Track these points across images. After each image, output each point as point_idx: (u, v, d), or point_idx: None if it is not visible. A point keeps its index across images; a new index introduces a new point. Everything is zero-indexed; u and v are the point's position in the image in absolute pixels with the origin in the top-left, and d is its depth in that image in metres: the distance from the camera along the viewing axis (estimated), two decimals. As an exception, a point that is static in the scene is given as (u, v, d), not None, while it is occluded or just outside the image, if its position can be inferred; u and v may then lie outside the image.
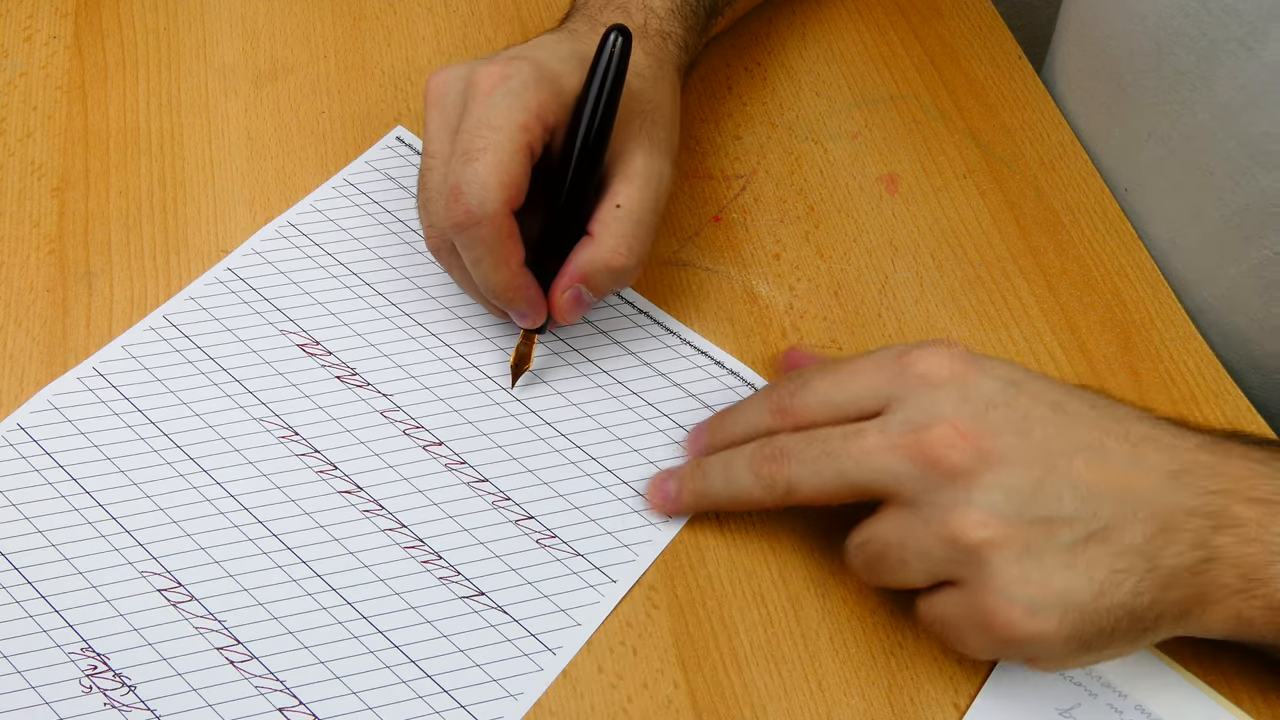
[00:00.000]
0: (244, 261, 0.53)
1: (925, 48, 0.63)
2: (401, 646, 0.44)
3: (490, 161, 0.43)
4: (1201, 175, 0.53)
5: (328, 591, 0.45)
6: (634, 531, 0.47)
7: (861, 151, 0.59)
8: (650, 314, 0.53)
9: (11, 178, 0.55)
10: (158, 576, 0.45)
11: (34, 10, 0.61)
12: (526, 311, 0.47)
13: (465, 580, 0.45)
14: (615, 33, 0.45)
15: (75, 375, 0.49)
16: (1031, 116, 0.61)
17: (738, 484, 0.44)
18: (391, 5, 0.63)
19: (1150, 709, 0.43)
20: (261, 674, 0.43)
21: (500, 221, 0.44)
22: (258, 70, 0.60)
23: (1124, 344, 0.53)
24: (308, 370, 0.50)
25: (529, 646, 0.44)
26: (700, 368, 0.51)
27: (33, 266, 0.52)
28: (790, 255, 0.55)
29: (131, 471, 0.47)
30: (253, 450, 0.48)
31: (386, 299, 0.52)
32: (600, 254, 0.46)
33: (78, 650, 0.43)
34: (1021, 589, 0.38)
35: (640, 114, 0.48)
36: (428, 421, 0.49)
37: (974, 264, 0.55)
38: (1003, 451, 0.40)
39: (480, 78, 0.45)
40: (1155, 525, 0.39)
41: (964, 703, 0.44)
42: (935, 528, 0.40)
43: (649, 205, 0.47)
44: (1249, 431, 0.50)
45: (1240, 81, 0.49)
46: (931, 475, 0.40)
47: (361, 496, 0.47)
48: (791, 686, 0.44)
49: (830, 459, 0.42)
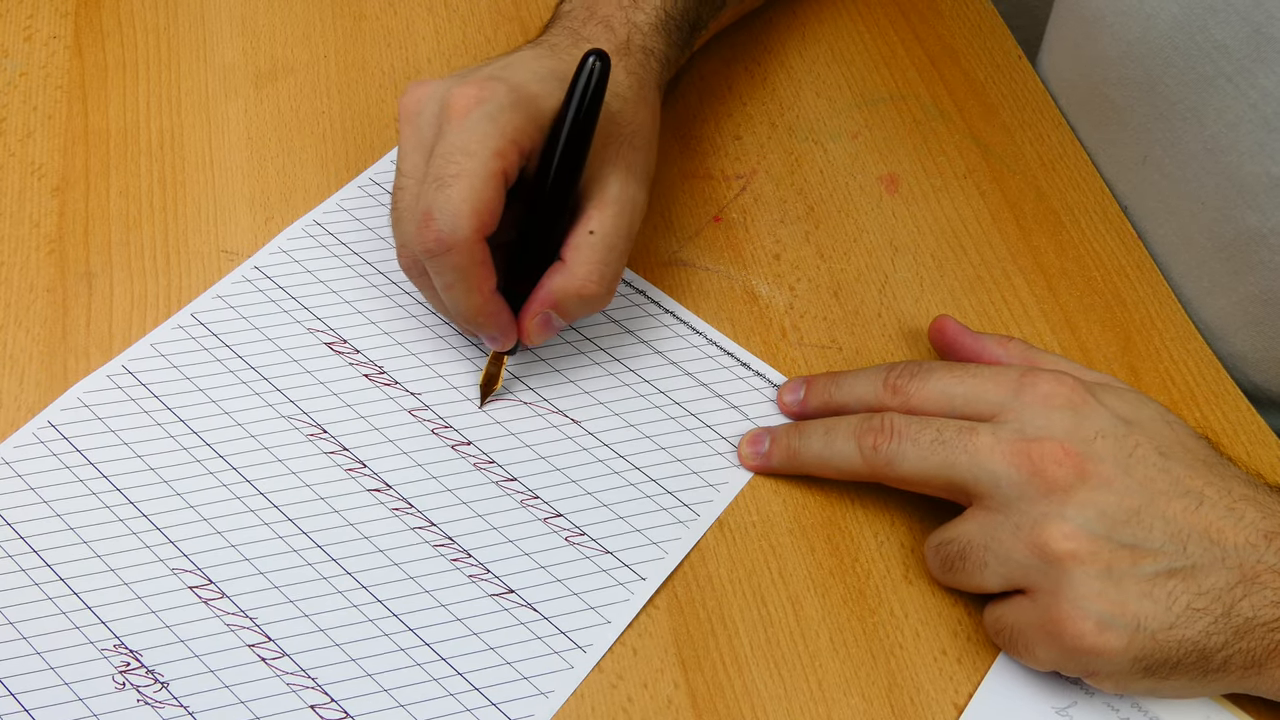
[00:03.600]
0: (271, 260, 0.53)
1: (925, 48, 0.63)
2: (432, 644, 0.44)
3: (463, 188, 0.43)
4: (1193, 204, 0.53)
5: (358, 589, 0.45)
6: (663, 529, 0.47)
7: (861, 151, 0.59)
8: (676, 313, 0.53)
9: (11, 178, 0.55)
10: (189, 574, 0.45)
11: (34, 10, 0.61)
12: (497, 336, 0.47)
13: (495, 578, 0.46)
14: (594, 58, 0.44)
15: (105, 373, 0.49)
16: (1031, 116, 0.61)
17: (837, 448, 0.45)
18: (391, 5, 0.63)
19: (1146, 707, 0.43)
20: (293, 671, 0.43)
21: (472, 249, 0.44)
22: (258, 70, 0.60)
23: (1124, 344, 0.53)
24: (336, 368, 0.50)
25: (559, 644, 0.44)
26: (727, 369, 0.51)
27: (33, 266, 0.52)
28: (790, 255, 0.55)
29: (162, 469, 0.47)
30: (282, 448, 0.48)
31: (413, 297, 0.52)
32: (572, 282, 0.46)
33: (110, 647, 0.43)
34: (1096, 604, 0.39)
35: (618, 138, 0.48)
36: (456, 421, 0.49)
37: (974, 264, 0.55)
38: (1104, 476, 0.41)
39: (455, 99, 0.44)
40: (1239, 575, 0.39)
41: (964, 703, 0.44)
42: (1025, 534, 0.41)
43: (622, 232, 0.47)
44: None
45: (1228, 118, 0.49)
46: (1032, 484, 0.41)
47: (391, 494, 0.47)
48: (791, 686, 0.44)
49: (943, 447, 0.43)
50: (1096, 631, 0.39)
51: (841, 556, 0.47)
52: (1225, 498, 0.41)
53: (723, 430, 0.50)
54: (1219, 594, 0.39)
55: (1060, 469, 0.41)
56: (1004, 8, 0.65)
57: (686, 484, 0.48)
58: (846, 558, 0.47)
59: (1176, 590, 0.39)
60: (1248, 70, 0.48)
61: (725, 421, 0.50)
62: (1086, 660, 0.40)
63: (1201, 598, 0.39)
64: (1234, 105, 0.49)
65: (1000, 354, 0.48)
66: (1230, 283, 0.52)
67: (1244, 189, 0.50)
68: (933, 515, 0.47)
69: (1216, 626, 0.39)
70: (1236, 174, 0.50)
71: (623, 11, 0.51)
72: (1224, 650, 0.39)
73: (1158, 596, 0.39)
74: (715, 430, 0.50)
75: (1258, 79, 0.47)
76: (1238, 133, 0.49)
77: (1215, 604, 0.39)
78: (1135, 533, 0.40)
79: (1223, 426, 0.51)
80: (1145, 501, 0.40)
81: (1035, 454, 0.41)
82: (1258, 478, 0.43)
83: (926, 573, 0.46)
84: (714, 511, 0.48)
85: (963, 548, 0.43)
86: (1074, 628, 0.39)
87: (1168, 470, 0.41)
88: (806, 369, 0.52)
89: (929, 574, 0.46)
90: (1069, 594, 0.40)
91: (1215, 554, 0.40)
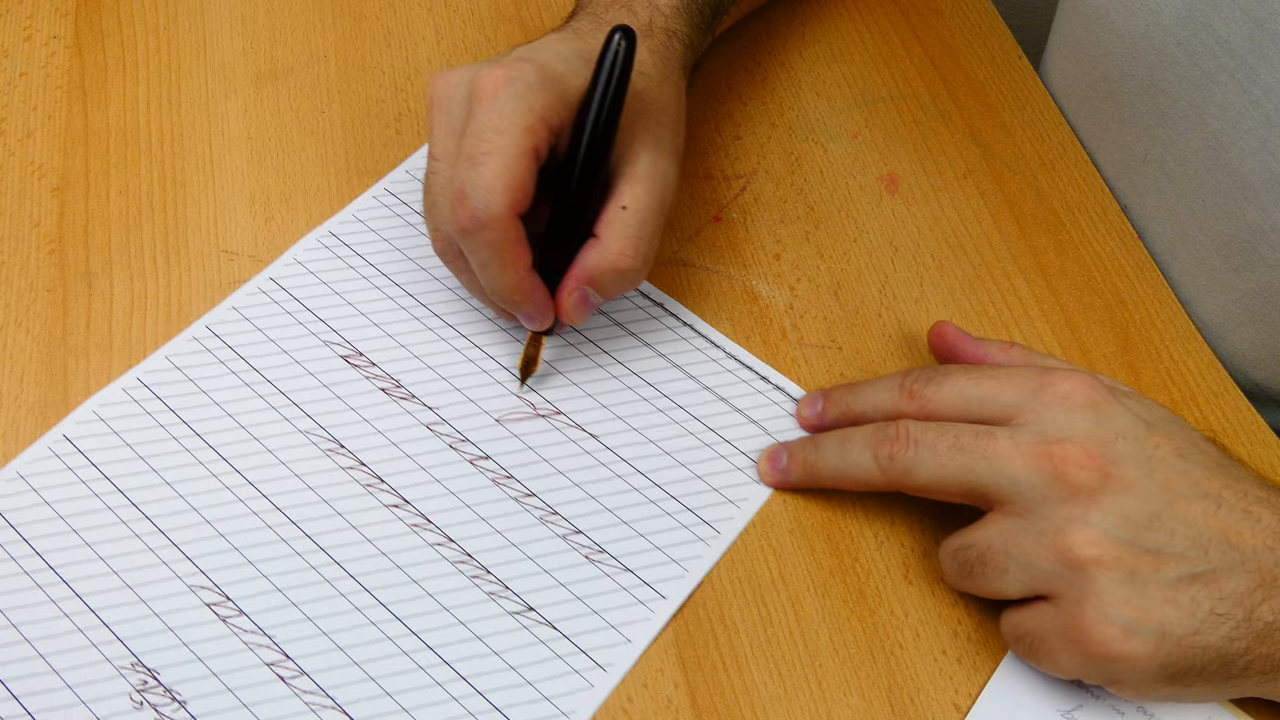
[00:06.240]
0: (286, 271, 0.53)
1: (925, 48, 0.63)
2: (451, 662, 0.43)
3: (496, 166, 0.43)
4: (1192, 202, 0.53)
5: (376, 606, 0.44)
6: (684, 547, 0.46)
7: (861, 151, 0.59)
8: (695, 326, 0.52)
9: (11, 178, 0.55)
10: (206, 590, 0.44)
11: (34, 10, 0.61)
12: (534, 314, 0.47)
13: (515, 595, 0.45)
14: (619, 33, 0.44)
15: (120, 386, 0.49)
16: (1031, 116, 0.61)
17: (853, 460, 0.45)
18: (391, 5, 0.63)
19: (1152, 709, 0.43)
20: (312, 690, 0.43)
21: (506, 226, 0.44)
22: (258, 70, 0.60)
23: (1124, 344, 0.53)
24: (352, 382, 0.50)
25: (580, 663, 0.44)
26: (745, 382, 0.51)
27: (33, 266, 0.52)
28: (790, 255, 0.55)
29: (178, 483, 0.47)
30: (299, 463, 0.47)
31: (429, 310, 0.52)
32: (607, 257, 0.46)
33: (128, 665, 0.43)
34: (1122, 611, 0.39)
35: (645, 114, 0.48)
36: (474, 435, 0.49)
37: (974, 264, 0.55)
38: (1127, 480, 0.40)
39: (484, 80, 0.45)
40: (1258, 579, 0.39)
41: (964, 703, 0.44)
42: (1047, 540, 0.40)
43: (655, 206, 0.47)
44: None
45: (1230, 115, 0.49)
46: (1054, 488, 0.40)
47: (409, 510, 0.47)
48: (791, 686, 0.44)
49: (960, 453, 0.42)
50: (1123, 639, 0.39)
51: (841, 556, 0.47)
52: (1242, 500, 0.40)
53: (743, 445, 0.49)
54: (1240, 598, 0.39)
55: (1083, 472, 0.40)
56: (1004, 8, 0.65)
57: (707, 500, 0.48)
58: (846, 558, 0.47)
59: (1199, 595, 0.39)
60: (1250, 66, 0.48)
61: (745, 436, 0.49)
62: (1112, 668, 0.39)
63: (1223, 602, 0.39)
64: (1236, 101, 0.49)
65: (1002, 360, 0.47)
66: (1230, 280, 0.52)
67: (1245, 186, 0.50)
68: (933, 515, 0.47)
69: (1238, 631, 0.39)
70: (1238, 171, 0.50)
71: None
72: (1245, 656, 0.39)
73: (1181, 602, 0.39)
74: (735, 445, 0.49)
75: (1260, 75, 0.47)
76: (1239, 129, 0.49)
77: (1237, 608, 0.39)
78: (1158, 537, 0.39)
79: (1223, 426, 0.51)
80: (1166, 505, 0.40)
81: (1057, 457, 0.40)
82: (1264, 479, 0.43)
83: (927, 573, 0.46)
84: (735, 529, 0.47)
85: (982, 553, 0.42)
86: (1100, 635, 0.39)
87: (1187, 472, 0.41)
88: (807, 369, 0.52)
89: (932, 576, 0.46)
90: (1094, 601, 0.39)
91: (1235, 557, 0.39)
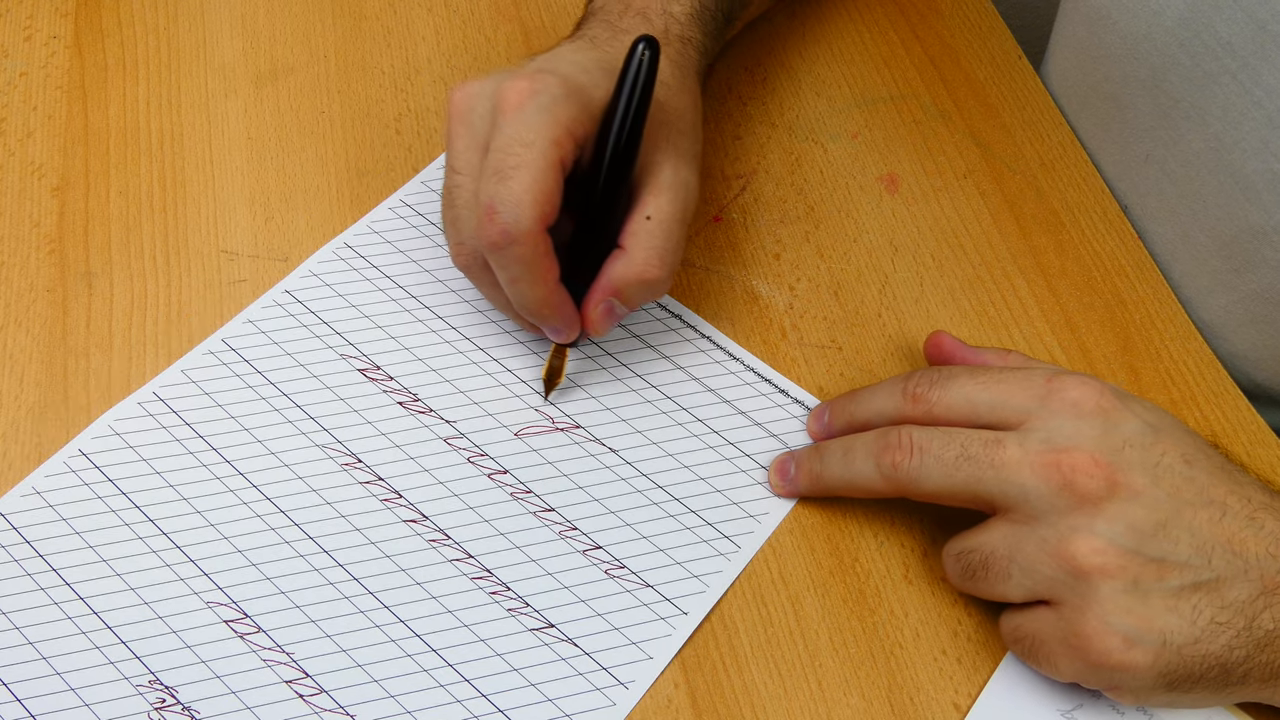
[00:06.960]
0: (302, 284, 0.52)
1: (925, 48, 0.63)
2: (472, 680, 0.43)
3: (524, 179, 0.43)
4: (1194, 202, 0.53)
5: (396, 623, 0.44)
6: (703, 562, 0.46)
7: (861, 151, 0.59)
8: (714, 339, 0.52)
9: (11, 178, 0.55)
10: (224, 607, 0.44)
11: (34, 10, 0.61)
12: (561, 327, 0.47)
13: (534, 612, 0.45)
14: (643, 44, 0.44)
15: (135, 400, 0.49)
16: (1031, 116, 0.61)
17: (856, 469, 0.45)
18: (391, 5, 0.63)
19: (1152, 710, 0.43)
20: (331, 708, 0.42)
21: (536, 239, 0.43)
22: (258, 70, 0.60)
23: (1124, 344, 0.53)
24: (369, 396, 0.49)
25: (601, 680, 0.43)
26: (764, 395, 0.50)
27: (33, 266, 0.52)
28: (790, 255, 0.55)
29: (194, 498, 0.46)
30: (316, 477, 0.47)
31: (446, 322, 0.52)
32: (633, 268, 0.46)
33: (146, 683, 0.42)
34: (1124, 619, 0.39)
35: (665, 124, 0.48)
36: (492, 449, 0.48)
37: (974, 264, 0.55)
38: (1134, 488, 0.40)
39: (508, 93, 0.44)
40: (1260, 587, 0.39)
41: (964, 703, 0.44)
42: (1051, 547, 0.40)
43: (679, 216, 0.46)
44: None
45: (1232, 116, 0.49)
46: (1062, 497, 0.40)
47: (427, 525, 0.46)
48: (791, 686, 0.44)
49: (969, 463, 0.42)
50: (1124, 648, 0.39)
51: (841, 556, 0.47)
52: (1246, 506, 0.40)
53: (761, 459, 0.49)
54: (1241, 607, 0.39)
55: (1091, 481, 0.40)
56: (1004, 8, 0.65)
57: (726, 515, 0.47)
58: (846, 558, 0.47)
59: (1201, 604, 0.39)
60: (1251, 67, 0.48)
61: (764, 450, 0.49)
62: (1112, 675, 0.40)
63: (1225, 611, 0.39)
64: (1237, 102, 0.49)
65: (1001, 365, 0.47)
66: (1231, 280, 0.52)
67: (1246, 186, 0.50)
68: (933, 516, 0.47)
69: (1239, 640, 0.39)
70: (1239, 171, 0.50)
71: (659, 3, 0.52)
72: (1245, 664, 0.39)
73: (1183, 611, 0.39)
74: (754, 459, 0.49)
75: (1261, 76, 0.47)
76: (1241, 130, 0.49)
77: (1238, 617, 0.39)
78: (1163, 546, 0.39)
79: (1223, 427, 0.51)
80: (1172, 513, 0.40)
81: (1065, 465, 0.40)
82: (1268, 484, 0.43)
83: (927, 573, 0.46)
84: (755, 543, 0.47)
85: (985, 557, 0.42)
86: (1101, 643, 0.39)
87: (1193, 479, 0.41)
88: (807, 369, 0.52)
89: (932, 576, 0.46)
90: (1096, 609, 0.39)
91: (1238, 566, 0.39)
